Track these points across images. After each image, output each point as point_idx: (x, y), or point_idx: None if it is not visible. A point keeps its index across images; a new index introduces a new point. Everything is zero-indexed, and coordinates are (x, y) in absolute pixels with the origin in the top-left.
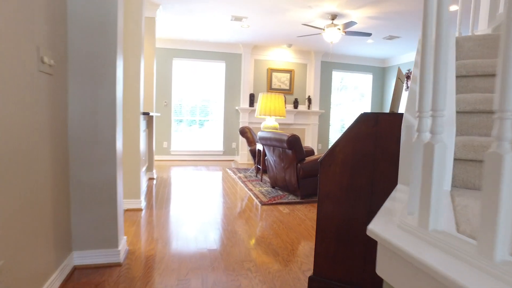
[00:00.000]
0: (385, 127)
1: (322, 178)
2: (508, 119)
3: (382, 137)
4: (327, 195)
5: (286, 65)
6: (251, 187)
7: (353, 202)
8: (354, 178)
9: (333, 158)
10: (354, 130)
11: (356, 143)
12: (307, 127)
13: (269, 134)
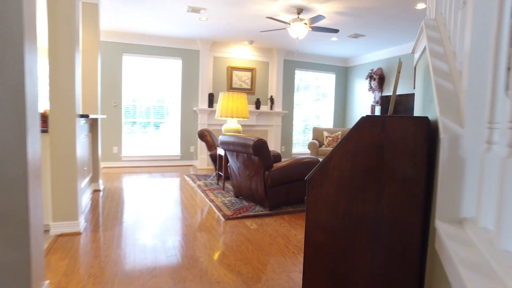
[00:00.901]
0: (395, 134)
1: (311, 202)
2: None
3: (391, 148)
4: (318, 224)
5: (247, 63)
6: (212, 198)
7: (352, 233)
8: (354, 202)
9: (325, 176)
10: (354, 140)
11: (356, 157)
12: (270, 129)
13: (232, 138)
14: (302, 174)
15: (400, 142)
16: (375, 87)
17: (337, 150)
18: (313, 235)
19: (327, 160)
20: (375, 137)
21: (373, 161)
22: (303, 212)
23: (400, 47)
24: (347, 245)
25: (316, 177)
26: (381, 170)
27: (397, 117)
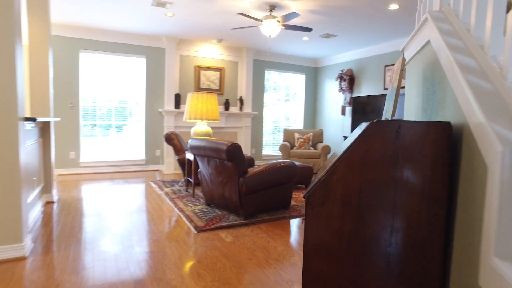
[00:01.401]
0: (412, 142)
1: (310, 223)
2: None
3: (406, 159)
4: (318, 249)
5: (216, 63)
6: (181, 207)
7: (360, 260)
8: (362, 224)
9: (327, 193)
10: (361, 149)
11: (364, 170)
12: (239, 130)
13: (203, 142)
14: (279, 180)
15: (418, 152)
16: (345, 88)
17: (341, 162)
18: (313, 264)
19: (329, 174)
20: (388, 146)
21: (386, 175)
22: (281, 220)
23: (370, 48)
24: (354, 275)
25: (316, 194)
26: (394, 185)
27: (414, 122)
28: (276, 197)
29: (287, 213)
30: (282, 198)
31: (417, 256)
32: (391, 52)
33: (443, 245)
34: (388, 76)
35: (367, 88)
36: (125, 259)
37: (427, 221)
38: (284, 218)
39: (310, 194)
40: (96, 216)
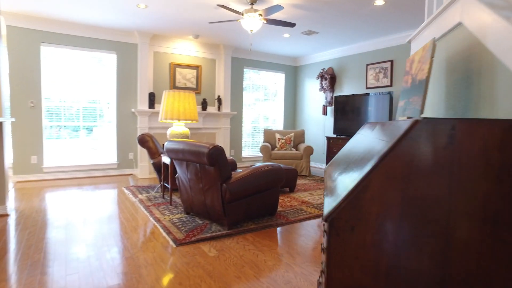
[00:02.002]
0: (471, 147)
1: (334, 254)
2: None
3: (464, 169)
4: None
5: (193, 60)
6: (158, 216)
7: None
8: (405, 255)
9: (358, 215)
10: (404, 157)
11: (408, 183)
12: (218, 131)
13: (181, 145)
14: (265, 184)
15: (479, 160)
16: (326, 87)
17: (375, 173)
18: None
19: (360, 190)
20: (439, 152)
21: (436, 190)
22: (268, 228)
23: (352, 46)
24: None
25: (343, 217)
26: (448, 203)
27: (474, 121)
28: (262, 203)
29: (273, 220)
30: (268, 204)
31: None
32: (373, 51)
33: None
34: (371, 75)
35: (349, 87)
36: (93, 286)
37: (492, 251)
38: (271, 226)
39: (335, 216)
40: (58, 230)
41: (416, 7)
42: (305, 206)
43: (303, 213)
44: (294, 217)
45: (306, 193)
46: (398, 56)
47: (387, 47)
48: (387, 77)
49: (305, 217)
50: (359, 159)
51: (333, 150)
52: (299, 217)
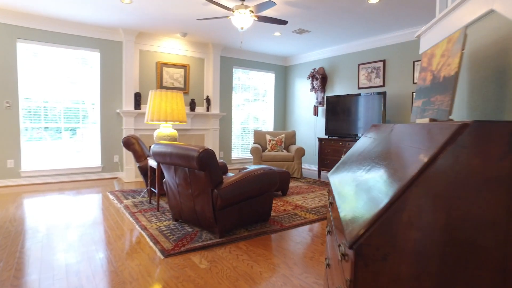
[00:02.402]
0: None
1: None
2: None
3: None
4: None
5: (180, 59)
6: (144, 223)
7: None
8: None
9: (392, 241)
10: (449, 169)
11: (455, 201)
12: (206, 133)
13: (168, 148)
14: (258, 189)
15: None
16: (317, 87)
17: (413, 190)
18: None
19: (394, 211)
20: (496, 163)
21: (491, 211)
22: (261, 236)
23: (344, 46)
24: None
25: (372, 243)
26: (506, 227)
27: None
28: (255, 209)
29: (267, 226)
30: (262, 210)
31: None
32: (365, 50)
33: None
34: (363, 75)
35: (341, 87)
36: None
37: None
38: (265, 233)
39: (363, 242)
40: (34, 241)
41: (411, 5)
42: (299, 210)
43: (297, 218)
44: (289, 223)
45: (299, 196)
46: (390, 55)
47: (379, 47)
48: (380, 77)
49: (300, 223)
50: (382, 169)
51: (325, 152)
52: (293, 223)
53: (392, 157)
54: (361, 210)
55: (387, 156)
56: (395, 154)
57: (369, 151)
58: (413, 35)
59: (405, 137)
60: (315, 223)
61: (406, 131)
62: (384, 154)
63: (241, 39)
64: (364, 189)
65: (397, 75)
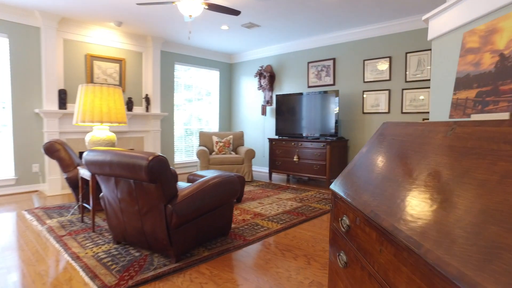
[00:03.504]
0: None
1: None
2: None
3: None
4: None
5: (115, 52)
6: (76, 250)
7: None
8: None
9: None
10: None
11: None
12: (146, 135)
13: (107, 155)
14: (218, 200)
15: None
16: (265, 85)
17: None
18: None
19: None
20: None
21: None
22: (224, 254)
23: (293, 43)
24: None
25: None
26: None
27: None
28: (214, 223)
29: (229, 241)
30: (221, 223)
31: None
32: (315, 48)
33: None
34: (312, 73)
35: (290, 86)
36: None
37: None
38: (228, 250)
39: None
40: None
41: (368, 1)
42: (259, 219)
43: (260, 229)
44: (252, 236)
45: (256, 202)
46: (341, 54)
47: (330, 45)
48: (330, 75)
49: (264, 234)
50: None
51: (276, 153)
52: (257, 235)
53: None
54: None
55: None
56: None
57: (424, 164)
58: (364, 34)
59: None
60: (280, 232)
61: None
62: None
63: (189, 29)
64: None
65: (347, 74)
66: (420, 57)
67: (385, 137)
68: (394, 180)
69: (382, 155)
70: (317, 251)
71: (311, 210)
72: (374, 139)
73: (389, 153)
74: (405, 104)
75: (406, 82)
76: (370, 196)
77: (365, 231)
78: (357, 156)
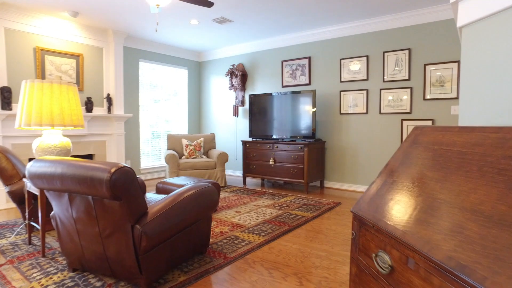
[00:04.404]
0: None
1: None
2: None
3: None
4: None
5: (71, 46)
6: (18, 285)
7: None
8: None
9: None
10: None
11: None
12: (108, 139)
13: (58, 167)
14: (194, 216)
15: None
16: (237, 85)
17: None
18: None
19: None
20: None
21: None
22: (204, 277)
23: (266, 41)
24: None
25: None
26: None
27: None
28: (190, 241)
29: (207, 260)
30: (198, 240)
31: None
32: (289, 46)
33: None
34: (287, 72)
35: (263, 85)
36: None
37: None
38: (207, 272)
39: None
40: None
41: None
42: (238, 231)
43: (240, 243)
44: (233, 251)
45: (232, 211)
46: (316, 52)
47: (305, 43)
48: (305, 74)
49: (246, 250)
50: None
51: (251, 156)
52: (239, 251)
53: None
54: None
55: None
56: None
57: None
58: (340, 32)
59: None
60: (263, 246)
61: None
62: None
63: (157, 20)
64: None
65: (323, 73)
66: (397, 57)
67: (427, 147)
68: (480, 213)
69: (434, 172)
70: (308, 267)
71: (293, 218)
72: (407, 148)
73: (447, 170)
74: (383, 104)
75: (384, 82)
76: (436, 232)
77: (430, 282)
78: (386, 170)
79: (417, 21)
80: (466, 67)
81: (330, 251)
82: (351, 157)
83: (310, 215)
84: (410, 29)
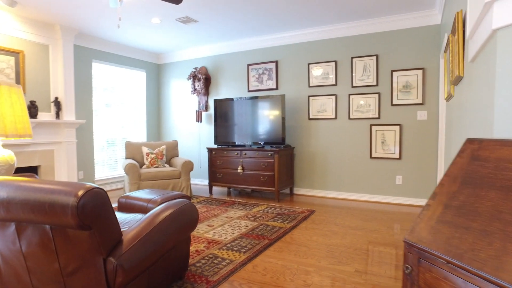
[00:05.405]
0: None
1: None
2: None
3: None
4: None
5: (8, 42)
6: None
7: None
8: None
9: None
10: None
11: None
12: (57, 148)
13: (1, 190)
14: (174, 239)
15: None
16: (200, 89)
17: None
18: None
19: None
20: None
21: None
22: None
23: (230, 44)
24: None
25: None
26: None
27: None
28: (169, 267)
29: (188, 287)
30: (177, 264)
31: None
32: (255, 50)
33: None
34: (253, 76)
35: (228, 89)
36: None
37: None
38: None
39: None
40: None
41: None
42: (216, 248)
43: (221, 262)
44: (215, 273)
45: (204, 225)
46: (283, 57)
47: (272, 46)
48: (272, 79)
49: (229, 271)
50: None
51: (217, 164)
52: (221, 273)
53: None
54: None
55: None
56: None
57: None
58: (308, 36)
59: None
60: (247, 265)
61: None
62: None
63: (119, 15)
64: None
65: (291, 77)
66: (365, 63)
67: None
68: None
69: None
70: (300, 287)
71: (270, 230)
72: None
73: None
74: (352, 110)
75: (352, 87)
76: None
77: None
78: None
79: (385, 28)
80: (504, 72)
81: (317, 266)
82: (321, 163)
83: (288, 225)
84: (378, 36)
